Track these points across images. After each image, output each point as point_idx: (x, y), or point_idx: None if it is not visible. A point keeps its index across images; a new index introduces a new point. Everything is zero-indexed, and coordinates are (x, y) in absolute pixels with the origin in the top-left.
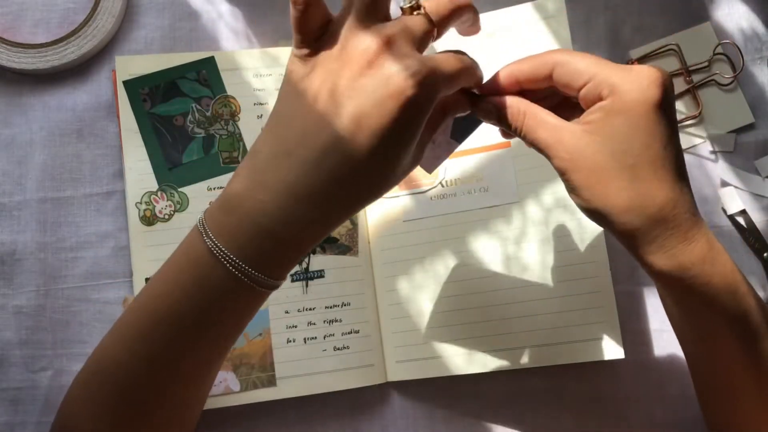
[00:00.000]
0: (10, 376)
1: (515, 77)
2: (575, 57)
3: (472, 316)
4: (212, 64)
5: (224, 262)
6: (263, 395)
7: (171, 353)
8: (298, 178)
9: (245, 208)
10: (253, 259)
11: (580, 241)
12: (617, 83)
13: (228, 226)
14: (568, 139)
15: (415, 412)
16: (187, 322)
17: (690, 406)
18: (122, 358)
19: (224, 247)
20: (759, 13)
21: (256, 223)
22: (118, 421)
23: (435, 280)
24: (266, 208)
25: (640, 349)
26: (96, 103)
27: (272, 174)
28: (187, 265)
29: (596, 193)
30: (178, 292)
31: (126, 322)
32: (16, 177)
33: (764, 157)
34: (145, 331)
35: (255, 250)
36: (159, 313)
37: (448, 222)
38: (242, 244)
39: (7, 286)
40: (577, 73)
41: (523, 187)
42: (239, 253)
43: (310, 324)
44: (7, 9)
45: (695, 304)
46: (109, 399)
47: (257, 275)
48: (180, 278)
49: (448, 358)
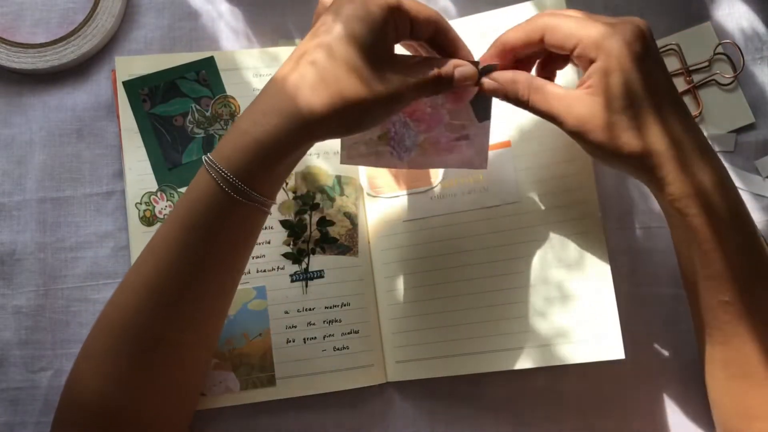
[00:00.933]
0: (10, 376)
1: (510, 46)
2: (562, 20)
3: (472, 316)
4: (212, 64)
5: (212, 175)
6: (263, 395)
7: (176, 284)
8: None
9: (237, 123)
10: (239, 169)
11: (580, 241)
12: (603, 45)
13: (221, 143)
14: (577, 105)
15: (415, 412)
16: (190, 242)
17: (690, 405)
18: (131, 302)
19: (215, 159)
20: (759, 13)
21: (242, 130)
22: (126, 376)
23: (435, 281)
24: (253, 116)
25: (640, 349)
26: (96, 103)
27: (262, 98)
28: (188, 193)
29: (614, 146)
30: (179, 218)
31: (132, 270)
32: (15, 177)
33: (764, 157)
34: (150, 269)
35: (241, 160)
36: (167, 250)
37: (448, 222)
38: (229, 154)
39: (7, 286)
40: (565, 38)
41: (523, 187)
42: (226, 163)
43: (309, 324)
44: (7, 9)
45: (698, 233)
46: (118, 350)
47: (241, 185)
48: (181, 205)
49: (448, 358)
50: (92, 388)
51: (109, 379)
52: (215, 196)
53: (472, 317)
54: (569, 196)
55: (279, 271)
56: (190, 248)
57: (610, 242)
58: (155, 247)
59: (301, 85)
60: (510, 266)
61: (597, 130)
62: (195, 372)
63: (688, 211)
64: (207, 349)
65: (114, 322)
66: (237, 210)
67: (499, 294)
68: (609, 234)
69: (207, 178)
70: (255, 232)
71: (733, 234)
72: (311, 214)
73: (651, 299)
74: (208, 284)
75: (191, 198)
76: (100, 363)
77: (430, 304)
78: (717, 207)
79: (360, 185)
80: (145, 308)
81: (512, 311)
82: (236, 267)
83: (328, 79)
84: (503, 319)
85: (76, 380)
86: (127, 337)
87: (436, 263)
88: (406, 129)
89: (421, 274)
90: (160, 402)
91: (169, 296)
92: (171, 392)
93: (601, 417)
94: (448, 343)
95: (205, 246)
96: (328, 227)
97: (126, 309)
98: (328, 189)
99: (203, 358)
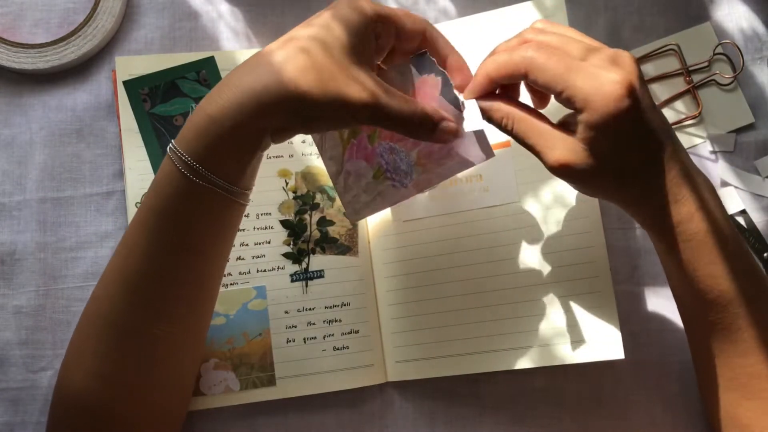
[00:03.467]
0: (10, 376)
1: (492, 79)
2: (547, 61)
3: (471, 316)
4: (212, 64)
5: (172, 159)
6: (263, 395)
7: (148, 271)
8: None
9: (200, 105)
10: (195, 151)
11: (580, 240)
12: (588, 99)
13: (184, 125)
14: (558, 146)
15: (415, 412)
16: (157, 227)
17: (690, 406)
18: (107, 294)
19: (176, 143)
20: (759, 13)
21: (199, 107)
22: (107, 372)
23: (435, 281)
24: (210, 94)
25: (640, 349)
26: (96, 103)
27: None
28: (155, 179)
29: (589, 190)
30: (147, 205)
31: (109, 262)
32: (16, 177)
33: (764, 157)
34: (123, 258)
35: (196, 140)
36: (138, 236)
37: (448, 222)
38: (187, 135)
39: (7, 286)
40: (551, 82)
41: (523, 187)
42: (185, 144)
43: (309, 324)
44: (7, 9)
45: (684, 259)
46: (98, 344)
47: (197, 166)
48: (149, 192)
49: (448, 358)
50: (77, 384)
51: (92, 376)
52: (177, 180)
53: (471, 317)
54: (569, 196)
55: (279, 271)
56: (157, 233)
57: (610, 242)
58: (127, 237)
59: (263, 63)
60: (510, 266)
61: (576, 178)
62: (183, 369)
63: (672, 246)
64: (193, 346)
65: (93, 315)
66: (200, 195)
67: (499, 294)
68: (609, 234)
69: (168, 162)
70: (228, 222)
71: (721, 258)
72: (311, 214)
73: (651, 299)
74: (181, 273)
75: (157, 183)
76: (83, 358)
77: (430, 304)
78: (695, 234)
79: None
80: (119, 299)
81: (512, 311)
82: (212, 258)
83: (295, 61)
84: (503, 319)
85: (63, 377)
86: (106, 330)
87: (436, 263)
88: (395, 154)
89: (421, 274)
90: (146, 399)
91: (142, 285)
92: (157, 389)
93: (601, 417)
94: (447, 343)
95: (174, 231)
96: (328, 227)
97: (103, 301)
98: (328, 189)
99: (190, 355)
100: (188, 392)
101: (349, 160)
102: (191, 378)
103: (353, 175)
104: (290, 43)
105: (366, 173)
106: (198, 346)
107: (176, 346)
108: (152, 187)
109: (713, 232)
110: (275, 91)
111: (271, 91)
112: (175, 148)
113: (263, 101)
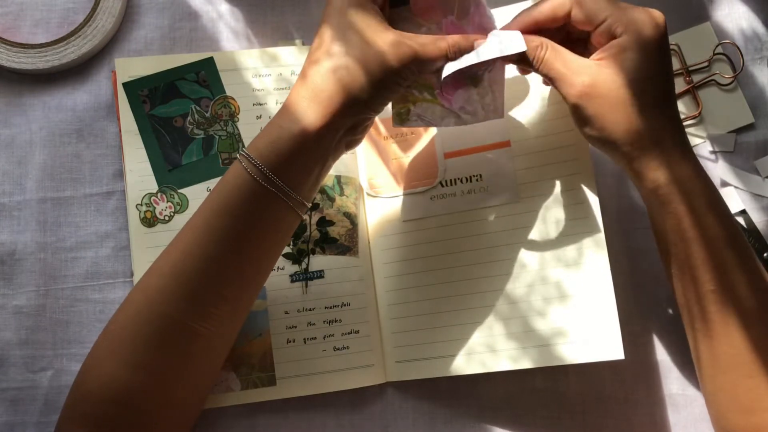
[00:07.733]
0: (10, 376)
1: (535, 19)
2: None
3: (471, 316)
4: (211, 65)
5: (244, 166)
6: (263, 395)
7: (202, 268)
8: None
9: (273, 117)
10: (270, 160)
11: (579, 241)
12: (632, 23)
13: (255, 137)
14: (585, 71)
15: (415, 412)
16: (220, 225)
17: (690, 405)
18: (155, 285)
19: (247, 150)
20: (759, 13)
21: (274, 122)
22: (141, 361)
23: (435, 280)
24: (283, 109)
25: (640, 349)
26: (96, 104)
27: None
28: (222, 184)
29: (608, 122)
30: (212, 205)
31: (161, 255)
32: (16, 177)
33: (764, 157)
34: (178, 253)
35: (271, 150)
36: (200, 235)
37: (448, 222)
38: (261, 146)
39: (7, 286)
40: (594, 13)
41: (523, 187)
42: (257, 153)
43: (309, 324)
44: (7, 9)
45: (681, 222)
46: (137, 333)
47: (271, 175)
48: (215, 194)
49: (448, 358)
50: (105, 373)
51: (124, 365)
52: (247, 184)
53: (471, 317)
54: (569, 196)
55: (279, 272)
56: (219, 234)
57: (610, 242)
58: (184, 233)
59: (324, 69)
60: (509, 266)
61: (597, 99)
62: (210, 368)
63: (671, 198)
64: (224, 347)
65: (136, 305)
66: (267, 201)
67: (499, 294)
68: (609, 234)
69: (239, 169)
70: (284, 231)
71: (714, 221)
72: (311, 214)
73: (651, 299)
74: (232, 274)
75: (226, 188)
76: (118, 347)
77: (430, 304)
78: (697, 196)
79: (360, 185)
80: (168, 291)
81: (512, 311)
82: (261, 264)
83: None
84: (503, 319)
85: (90, 366)
86: (149, 321)
87: (436, 263)
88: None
89: (420, 274)
90: (170, 393)
91: (195, 282)
92: (183, 385)
93: (601, 417)
94: (447, 343)
95: (236, 235)
96: (328, 227)
97: (150, 291)
98: (328, 189)
99: (220, 356)
100: (207, 393)
101: (451, 103)
102: (213, 379)
103: (464, 104)
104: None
105: (469, 92)
106: (227, 348)
107: (210, 345)
108: (218, 191)
109: (708, 195)
110: (369, 70)
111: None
112: (247, 154)
113: (353, 93)
